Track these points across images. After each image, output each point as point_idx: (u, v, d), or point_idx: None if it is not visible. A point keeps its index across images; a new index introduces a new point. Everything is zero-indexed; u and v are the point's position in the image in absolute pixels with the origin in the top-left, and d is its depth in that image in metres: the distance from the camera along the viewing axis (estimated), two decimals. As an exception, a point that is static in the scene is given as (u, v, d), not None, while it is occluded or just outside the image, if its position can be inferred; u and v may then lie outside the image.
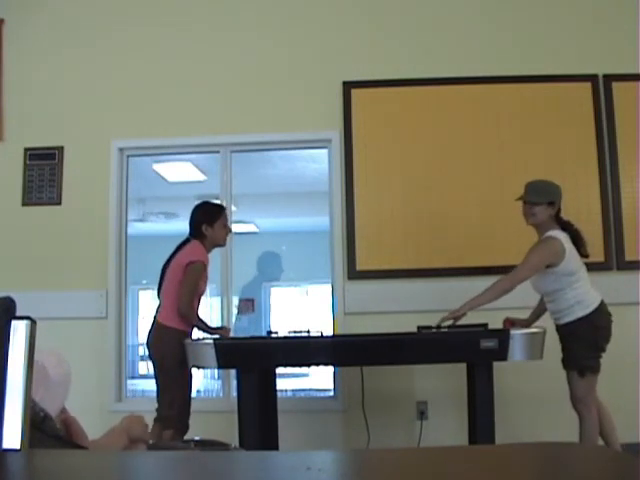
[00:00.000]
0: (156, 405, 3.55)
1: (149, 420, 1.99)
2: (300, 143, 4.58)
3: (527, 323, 3.47)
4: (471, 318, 3.49)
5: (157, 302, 3.71)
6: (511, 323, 3.40)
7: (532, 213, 3.36)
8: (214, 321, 4.16)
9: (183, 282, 3.52)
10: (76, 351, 3.89)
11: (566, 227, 3.36)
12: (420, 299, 4.18)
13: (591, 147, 4.32)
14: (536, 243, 3.34)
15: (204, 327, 3.61)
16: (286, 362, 3.48)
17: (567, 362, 3.31)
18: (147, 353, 3.69)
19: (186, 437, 3.38)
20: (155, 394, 3.59)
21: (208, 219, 3.65)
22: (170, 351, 3.46)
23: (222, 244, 3.76)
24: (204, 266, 3.57)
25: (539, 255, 3.28)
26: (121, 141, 4.49)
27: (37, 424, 1.46)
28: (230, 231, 3.77)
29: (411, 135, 4.37)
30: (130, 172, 4.58)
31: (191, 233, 3.69)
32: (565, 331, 3.31)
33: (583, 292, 3.28)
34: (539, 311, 3.56)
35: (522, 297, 3.63)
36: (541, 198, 3.35)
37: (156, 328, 3.59)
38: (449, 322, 3.31)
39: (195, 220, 3.68)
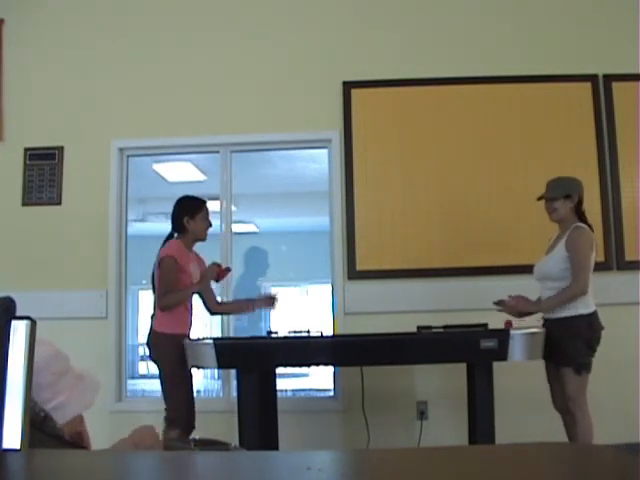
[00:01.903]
0: (164, 405, 3.56)
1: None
2: (300, 143, 4.58)
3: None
4: (471, 318, 3.49)
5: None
6: (510, 324, 3.39)
7: (553, 209, 3.39)
8: (213, 322, 4.16)
9: (157, 279, 3.54)
10: (76, 351, 3.88)
11: (584, 223, 3.37)
12: (420, 299, 4.18)
13: (591, 147, 4.32)
14: (572, 240, 3.30)
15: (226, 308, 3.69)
16: (286, 362, 3.48)
17: (562, 359, 3.26)
18: (148, 354, 3.71)
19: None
20: (161, 394, 3.60)
21: (190, 212, 3.61)
22: (167, 358, 3.46)
23: (203, 238, 3.68)
24: (174, 260, 3.50)
25: (583, 247, 3.27)
26: (121, 141, 4.49)
27: (37, 424, 1.46)
28: (211, 225, 3.70)
29: (411, 135, 4.37)
30: (130, 172, 4.58)
31: (174, 228, 3.66)
32: (561, 326, 3.25)
33: (589, 290, 3.28)
34: None
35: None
36: (556, 193, 3.37)
37: (152, 334, 3.58)
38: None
39: (177, 213, 3.65)
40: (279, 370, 3.86)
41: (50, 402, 1.55)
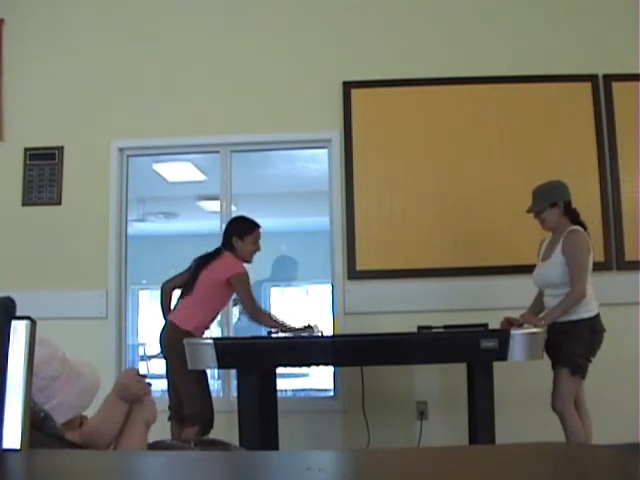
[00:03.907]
0: (168, 403, 3.65)
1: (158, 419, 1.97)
2: (300, 143, 4.58)
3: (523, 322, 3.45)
4: (471, 318, 3.49)
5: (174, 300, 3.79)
6: (510, 323, 3.39)
7: (541, 220, 3.44)
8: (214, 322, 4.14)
9: (240, 296, 3.66)
10: (76, 351, 3.88)
11: (578, 222, 3.38)
12: (420, 299, 4.18)
13: (591, 147, 4.32)
14: (568, 245, 3.31)
15: (286, 327, 3.67)
16: (286, 362, 3.48)
17: (559, 359, 3.29)
18: (160, 352, 3.71)
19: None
20: (166, 392, 3.68)
21: (240, 232, 3.71)
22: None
23: (248, 260, 3.77)
24: (246, 274, 3.65)
25: (580, 250, 3.28)
26: (121, 141, 4.49)
27: (37, 424, 1.46)
28: (259, 249, 3.79)
29: (411, 135, 4.37)
30: (130, 172, 4.58)
31: (223, 244, 3.76)
32: (562, 329, 3.27)
33: (589, 294, 3.28)
34: (535, 310, 3.54)
35: (522, 297, 3.63)
36: (541, 205, 3.40)
37: (171, 329, 3.61)
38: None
39: (228, 231, 3.76)
40: (279, 370, 3.86)
41: (45, 404, 1.56)
